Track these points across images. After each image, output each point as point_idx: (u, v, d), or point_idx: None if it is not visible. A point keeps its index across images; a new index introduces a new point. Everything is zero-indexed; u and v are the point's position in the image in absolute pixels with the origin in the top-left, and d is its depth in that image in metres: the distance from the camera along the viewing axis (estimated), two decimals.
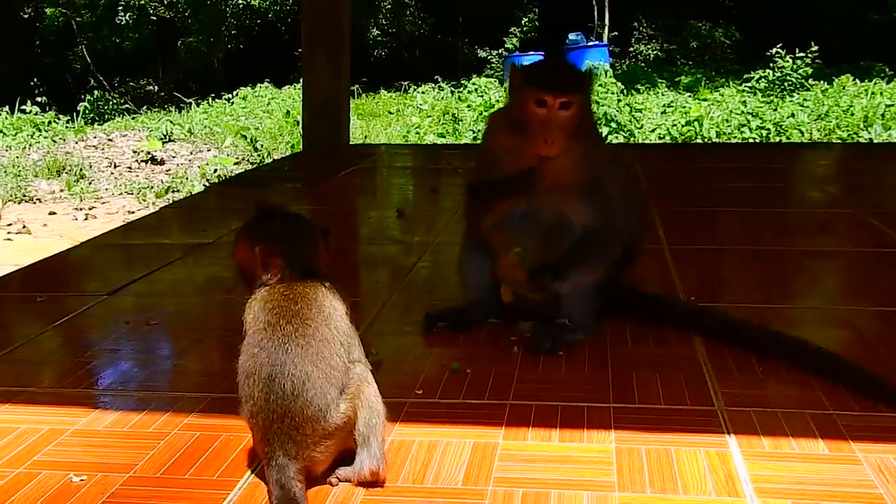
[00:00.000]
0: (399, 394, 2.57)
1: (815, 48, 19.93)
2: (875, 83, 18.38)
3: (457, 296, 3.41)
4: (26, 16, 24.88)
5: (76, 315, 3.54)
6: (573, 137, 2.87)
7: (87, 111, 19.43)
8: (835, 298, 3.61)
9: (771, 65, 19.91)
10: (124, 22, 24.59)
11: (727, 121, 14.83)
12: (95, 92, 21.98)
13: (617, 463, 2.19)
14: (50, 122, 15.97)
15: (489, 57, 25.49)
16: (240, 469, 2.21)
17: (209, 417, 2.52)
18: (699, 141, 13.89)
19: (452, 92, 20.11)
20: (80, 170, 12.20)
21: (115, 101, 21.26)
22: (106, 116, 19.79)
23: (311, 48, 8.45)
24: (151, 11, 24.25)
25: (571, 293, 2.99)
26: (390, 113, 17.85)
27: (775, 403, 2.53)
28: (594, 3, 27.01)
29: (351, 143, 9.01)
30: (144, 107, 20.25)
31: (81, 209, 10.68)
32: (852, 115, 14.94)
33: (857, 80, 18.63)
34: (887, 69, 21.40)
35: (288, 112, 15.72)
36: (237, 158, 12.96)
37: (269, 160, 12.97)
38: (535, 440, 2.34)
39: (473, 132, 14.56)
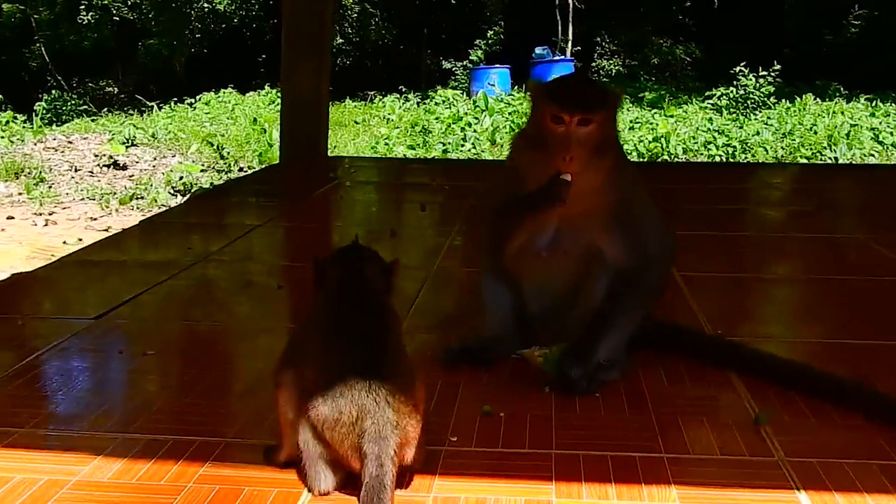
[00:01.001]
0: (431, 440, 2.33)
1: (777, 67, 20.09)
2: (836, 102, 18.55)
3: (470, 327, 3.22)
4: None
5: (63, 341, 3.27)
6: (596, 157, 2.73)
7: (44, 111, 18.96)
8: (867, 331, 3.43)
9: (735, 83, 20.01)
10: (85, 21, 24.06)
11: (693, 138, 14.85)
12: (53, 91, 21.48)
13: None
14: (7, 122, 15.54)
15: (454, 68, 25.37)
16: None
17: (226, 467, 2.27)
18: (666, 157, 13.86)
19: (419, 103, 19.95)
20: (40, 173, 11.85)
21: (73, 102, 20.79)
22: (64, 117, 19.34)
23: (292, 58, 8.25)
24: (115, 12, 23.76)
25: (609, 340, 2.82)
26: (356, 123, 17.63)
27: (837, 453, 2.36)
28: (558, 17, 27.03)
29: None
30: (104, 109, 19.82)
31: (41, 214, 10.35)
32: (815, 133, 15.04)
33: (819, 100, 18.80)
34: (842, 88, 21.63)
35: (255, 119, 15.45)
36: (203, 165, 12.66)
37: (235, 168, 12.69)
38: (592, 497, 2.14)
39: (443, 144, 14.39)
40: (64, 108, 20.20)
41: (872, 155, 13.79)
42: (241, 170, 12.70)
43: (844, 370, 2.89)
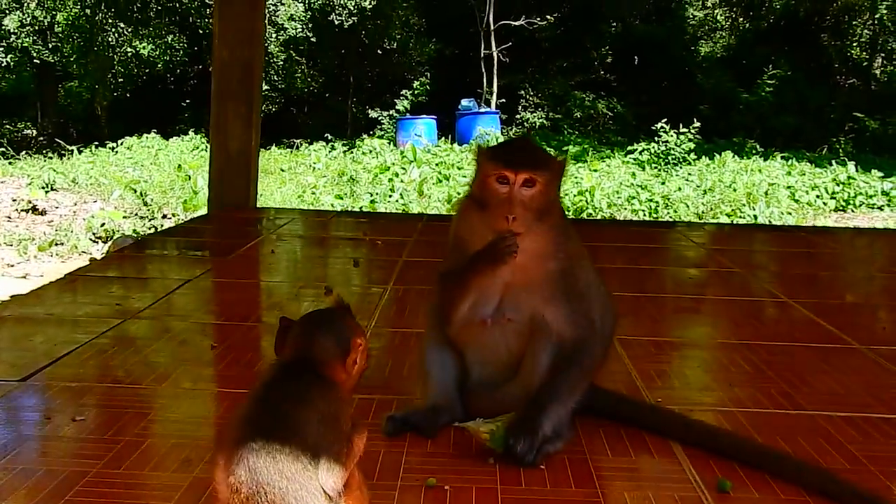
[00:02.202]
0: None
1: (697, 124, 20.57)
2: (753, 160, 19.05)
3: (413, 392, 3.19)
4: None
5: None
6: (539, 221, 2.75)
7: None
8: (812, 400, 3.46)
9: (656, 138, 20.43)
10: (3, 63, 23.61)
11: (617, 192, 15.07)
12: None
13: None
14: None
15: (380, 118, 25.47)
16: None
17: None
18: (591, 211, 14.05)
19: (345, 152, 19.95)
20: None
21: None
22: None
23: (221, 105, 8.20)
24: (35, 55, 23.36)
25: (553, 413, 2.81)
26: (282, 170, 17.54)
27: None
28: (483, 70, 27.37)
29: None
30: (23, 152, 19.39)
31: None
32: (735, 190, 15.40)
33: (737, 157, 19.29)
34: (758, 146, 22.25)
35: (180, 166, 15.25)
36: (126, 212, 12.45)
37: (159, 215, 12.50)
38: None
39: (371, 195, 14.38)
40: None
41: (790, 213, 14.16)
42: (164, 217, 12.52)
43: (784, 441, 2.94)
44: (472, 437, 2.80)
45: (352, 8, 24.41)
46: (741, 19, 31.87)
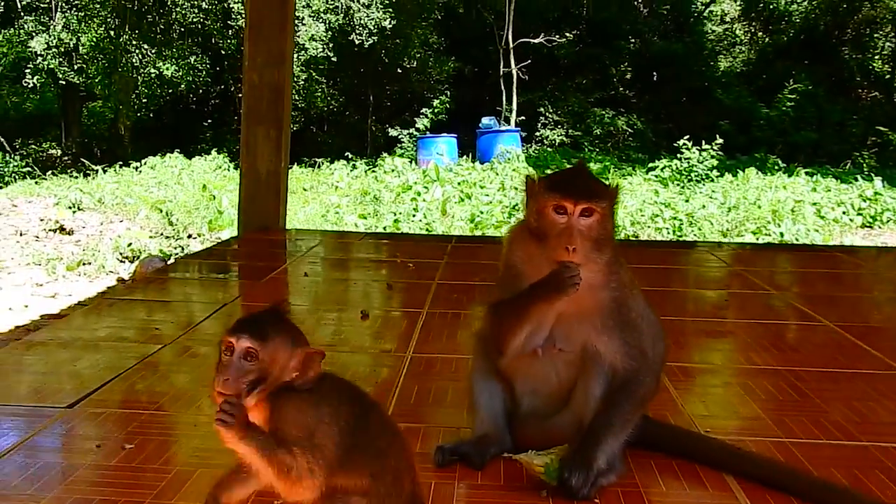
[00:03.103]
0: None
1: (719, 140, 20.50)
2: (777, 176, 18.95)
3: (458, 420, 3.18)
4: None
5: (34, 435, 3.15)
6: (597, 251, 2.72)
7: None
8: (865, 430, 3.39)
9: (678, 155, 20.36)
10: (30, 84, 23.83)
11: (641, 210, 15.01)
12: None
13: None
14: None
15: (400, 136, 25.52)
16: None
17: None
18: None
19: (367, 171, 20.00)
20: None
21: (16, 164, 20.46)
22: (6, 179, 19.02)
23: (251, 128, 8.23)
24: (60, 76, 23.57)
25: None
26: (305, 190, 17.59)
27: None
28: (502, 87, 27.41)
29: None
30: (48, 171, 19.53)
31: None
32: (759, 208, 15.29)
33: (761, 174, 19.18)
34: (780, 161, 22.14)
35: (204, 186, 15.32)
36: (152, 232, 12.51)
37: (185, 235, 12.55)
38: None
39: (394, 214, 14.40)
40: (6, 169, 19.88)
41: (816, 230, 14.07)
42: (190, 236, 12.57)
43: (840, 473, 2.91)
44: (525, 468, 2.78)
45: (372, 27, 24.49)
46: (760, 34, 31.80)
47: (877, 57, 30.69)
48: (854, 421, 3.43)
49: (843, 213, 15.54)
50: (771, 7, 31.24)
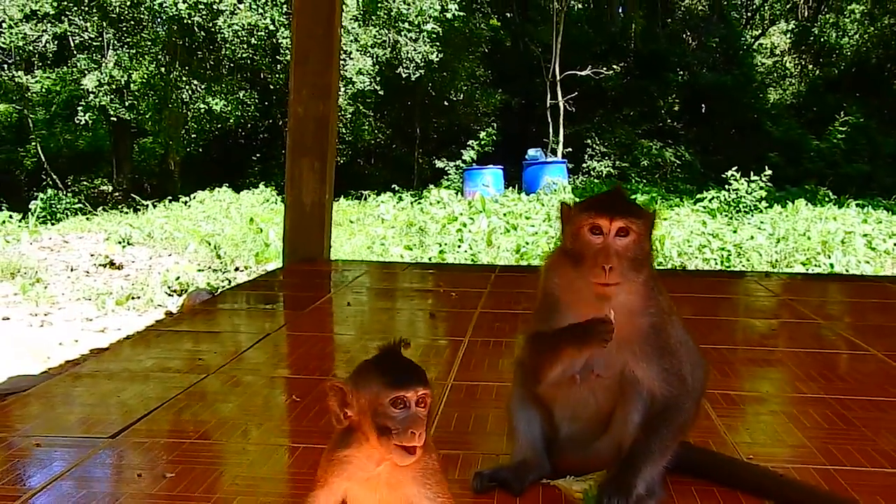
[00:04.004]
0: None
1: (768, 172, 20.32)
2: (828, 208, 18.73)
3: (498, 447, 3.16)
4: None
5: (79, 464, 3.19)
6: (633, 271, 2.69)
7: (39, 210, 19.01)
8: None
9: (727, 186, 20.21)
10: (83, 122, 24.32)
11: (688, 241, 14.90)
12: (48, 190, 21.58)
13: None
14: (3, 221, 15.55)
15: (446, 168, 25.64)
16: None
17: None
18: (661, 260, 13.87)
19: (413, 202, 20.10)
20: (36, 273, 11.81)
21: (68, 201, 20.86)
22: (59, 216, 19.40)
23: (296, 160, 8.33)
24: (112, 112, 24.04)
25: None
26: (351, 222, 17.71)
27: None
28: (549, 119, 27.47)
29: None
30: (99, 207, 19.90)
31: (37, 315, 10.29)
32: (809, 239, 15.10)
33: (810, 205, 18.97)
34: (831, 193, 21.88)
35: (252, 219, 15.48)
36: (200, 266, 12.64)
37: (232, 268, 12.66)
38: None
39: (440, 245, 14.43)
40: (59, 206, 20.27)
41: (867, 262, 13.85)
42: (237, 269, 12.68)
43: (884, 500, 2.84)
44: (564, 494, 2.75)
45: (419, 61, 24.71)
46: (811, 66, 31.59)
47: None
48: None
49: (895, 244, 15.28)
50: (822, 40, 31.07)
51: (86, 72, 24.19)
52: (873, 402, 4.01)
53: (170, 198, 20.38)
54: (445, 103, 27.24)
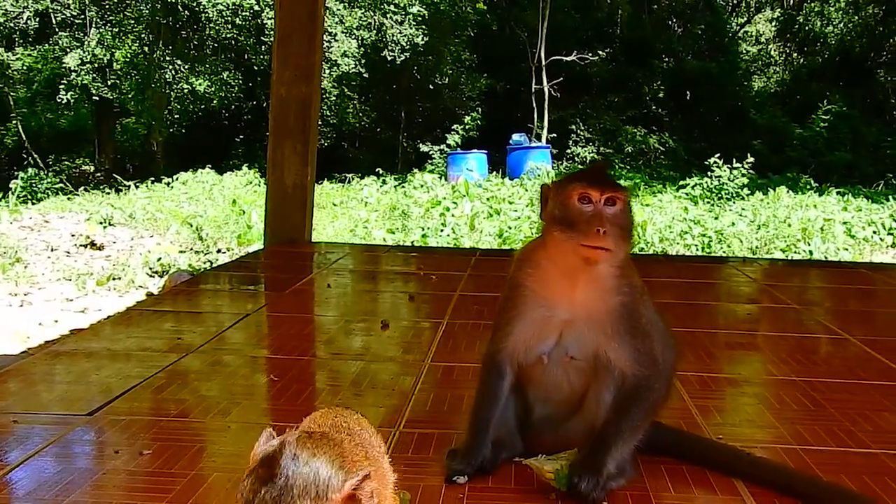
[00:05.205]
0: None
1: (750, 159, 20.44)
2: (808, 196, 18.87)
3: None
4: None
5: (57, 441, 3.21)
6: (623, 240, 2.73)
7: (20, 189, 18.92)
8: (876, 438, 3.38)
9: (709, 173, 20.32)
10: (64, 101, 24.15)
11: (669, 227, 14.99)
12: (29, 170, 21.45)
13: None
14: None
15: (430, 152, 25.63)
16: None
17: None
18: (642, 246, 13.96)
19: (396, 186, 20.10)
20: (16, 252, 11.76)
21: (49, 180, 20.75)
22: (39, 195, 19.30)
23: (278, 141, 8.33)
24: (94, 92, 23.88)
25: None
26: (335, 205, 17.70)
27: None
28: (534, 105, 27.47)
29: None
30: (81, 187, 19.80)
31: (17, 295, 10.27)
32: (789, 226, 15.22)
33: (791, 192, 19.09)
34: (812, 181, 22.01)
35: (234, 201, 15.46)
36: (181, 247, 12.63)
37: (214, 249, 12.65)
38: None
39: (422, 229, 14.46)
40: (40, 185, 20.17)
41: (846, 249, 13.98)
42: (219, 251, 12.67)
43: (850, 480, 2.91)
44: (535, 473, 2.80)
45: (404, 44, 24.67)
46: (795, 55, 31.70)
47: None
48: (866, 430, 3.43)
49: (874, 232, 15.42)
50: (806, 29, 31.16)
51: (68, 50, 24.01)
52: (842, 385, 4.08)
53: (152, 179, 20.31)
54: (431, 87, 27.21)
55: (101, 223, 13.64)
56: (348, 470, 1.67)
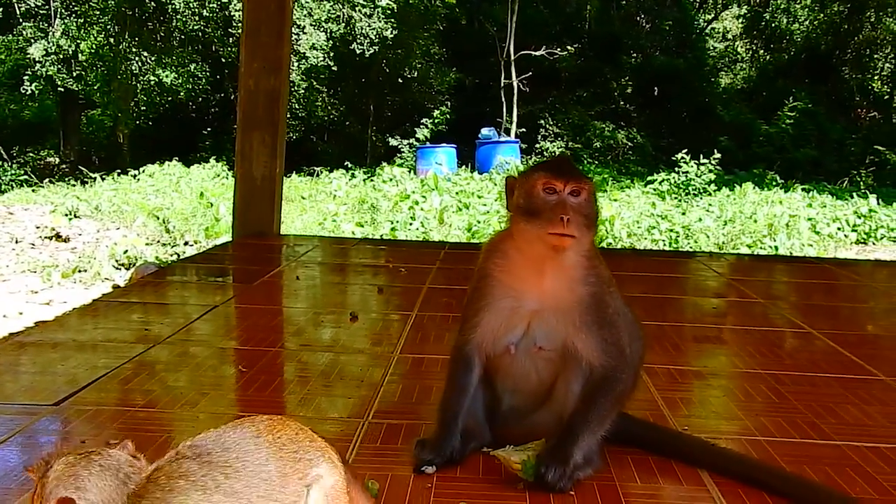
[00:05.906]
0: None
1: (717, 155, 20.61)
2: (774, 192, 19.04)
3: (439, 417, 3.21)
4: None
5: (22, 431, 3.19)
6: (586, 228, 2.77)
7: None
8: (838, 430, 3.43)
9: (676, 169, 20.47)
10: (29, 92, 23.86)
11: (637, 222, 15.08)
12: None
13: None
14: None
15: (400, 146, 25.61)
16: None
17: None
18: (610, 241, 14.04)
19: (365, 180, 20.07)
20: None
21: (13, 172, 20.52)
22: (3, 187, 19.09)
23: (247, 134, 8.29)
24: (59, 83, 23.62)
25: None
26: (303, 198, 17.65)
27: None
28: (503, 99, 27.52)
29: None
30: (46, 179, 19.59)
31: None
32: (755, 222, 15.36)
33: (758, 188, 19.26)
34: (778, 177, 22.22)
35: (202, 193, 15.36)
36: (148, 239, 12.54)
37: (181, 242, 12.58)
38: None
39: (391, 222, 14.45)
40: (3, 177, 19.94)
41: (811, 245, 14.13)
42: (186, 243, 12.60)
43: (811, 470, 2.95)
44: (503, 464, 2.81)
45: (373, 37, 24.60)
46: (762, 52, 31.96)
47: (876, 77, 30.90)
48: (829, 422, 3.48)
49: (838, 228, 15.62)
50: (773, 26, 31.43)
51: (32, 40, 23.73)
52: (806, 378, 4.13)
53: (118, 171, 20.12)
54: (400, 81, 27.17)
55: (66, 215, 13.52)
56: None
